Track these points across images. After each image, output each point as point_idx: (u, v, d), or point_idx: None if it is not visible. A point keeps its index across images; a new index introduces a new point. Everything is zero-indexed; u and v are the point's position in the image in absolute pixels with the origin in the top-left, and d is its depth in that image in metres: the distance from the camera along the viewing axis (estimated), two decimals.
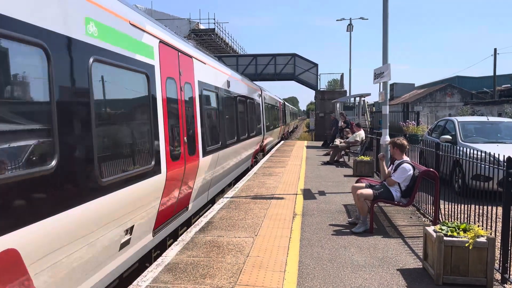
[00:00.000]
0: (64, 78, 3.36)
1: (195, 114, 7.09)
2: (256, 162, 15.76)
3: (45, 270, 3.07)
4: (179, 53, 6.41)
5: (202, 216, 7.03)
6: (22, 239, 2.77)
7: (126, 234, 4.51)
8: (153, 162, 5.03)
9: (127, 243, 4.57)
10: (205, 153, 7.41)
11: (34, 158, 3.02)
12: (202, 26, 38.31)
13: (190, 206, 7.04)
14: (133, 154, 4.63)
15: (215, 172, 8.47)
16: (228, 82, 10.28)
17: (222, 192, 9.89)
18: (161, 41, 5.62)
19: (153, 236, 5.42)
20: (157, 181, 5.19)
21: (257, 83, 21.76)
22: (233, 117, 10.86)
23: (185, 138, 6.29)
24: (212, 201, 8.93)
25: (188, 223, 7.31)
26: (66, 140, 3.34)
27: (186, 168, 6.31)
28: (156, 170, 5.13)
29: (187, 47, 7.02)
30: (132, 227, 4.63)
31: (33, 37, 2.97)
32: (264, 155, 18.24)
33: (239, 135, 11.21)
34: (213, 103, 8.81)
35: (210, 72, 8.53)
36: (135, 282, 4.30)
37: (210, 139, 8.02)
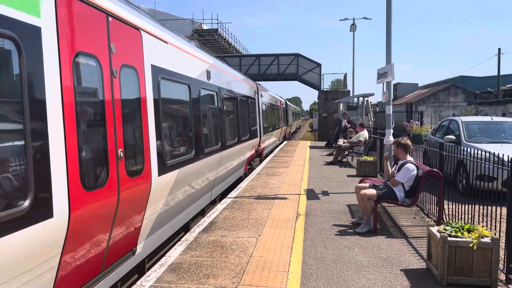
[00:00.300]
0: None
1: (145, 114, 4.83)
2: (251, 170, 13.52)
3: None
4: (111, 19, 4.13)
5: (205, 216, 7.03)
6: None
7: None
8: (28, 200, 2.84)
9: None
10: (164, 170, 5.27)
11: None
12: (205, 26, 38.33)
13: (139, 247, 4.91)
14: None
15: (185, 192, 6.39)
16: (208, 73, 7.99)
17: (202, 213, 7.88)
18: None
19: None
20: (48, 231, 3.06)
21: (260, 83, 21.51)
22: (216, 118, 8.55)
23: (120, 150, 4.15)
24: (185, 228, 6.85)
25: (186, 228, 6.76)
26: None
27: (123, 197, 4.18)
28: (43, 212, 3.00)
29: (132, 14, 4.70)
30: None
31: None
32: (261, 161, 16.03)
33: (224, 140, 8.87)
34: (182, 99, 6.61)
35: (177, 56, 6.24)
36: (138, 282, 4.31)
37: (174, 149, 5.99)
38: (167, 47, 5.83)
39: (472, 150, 5.88)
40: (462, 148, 6.47)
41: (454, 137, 10.38)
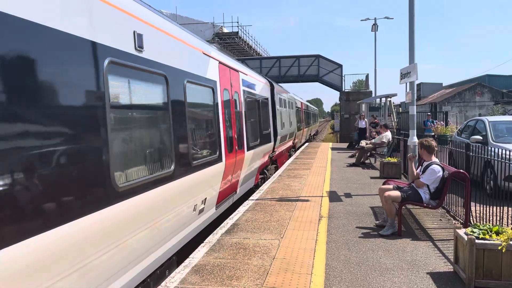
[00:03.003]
0: None
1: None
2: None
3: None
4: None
5: (228, 218, 7.07)
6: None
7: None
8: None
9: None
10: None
11: None
12: (225, 30, 38.59)
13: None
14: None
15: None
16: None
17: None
18: None
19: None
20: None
21: (281, 85, 21.38)
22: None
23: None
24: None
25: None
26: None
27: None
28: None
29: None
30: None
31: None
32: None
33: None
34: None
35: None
36: (163, 283, 4.36)
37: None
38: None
39: (500, 150, 5.74)
40: (489, 148, 6.32)
41: (481, 138, 10.14)
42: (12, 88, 2.58)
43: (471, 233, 4.28)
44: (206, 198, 6.10)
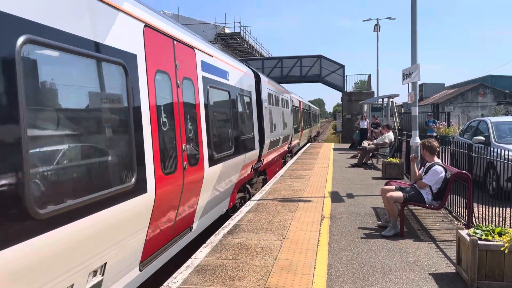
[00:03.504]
0: None
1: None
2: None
3: None
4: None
5: (230, 219, 7.07)
6: None
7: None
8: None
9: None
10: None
11: None
12: (228, 30, 38.63)
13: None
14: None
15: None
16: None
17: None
18: None
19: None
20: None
21: (283, 85, 21.27)
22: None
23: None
24: None
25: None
26: None
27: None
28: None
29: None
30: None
31: None
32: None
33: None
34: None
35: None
36: (165, 284, 4.37)
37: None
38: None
39: (503, 151, 5.73)
40: (491, 149, 6.31)
41: (483, 138, 10.12)
42: None
43: (474, 234, 4.27)
44: (105, 264, 3.61)
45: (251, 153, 9.25)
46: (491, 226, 4.44)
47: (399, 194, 6.11)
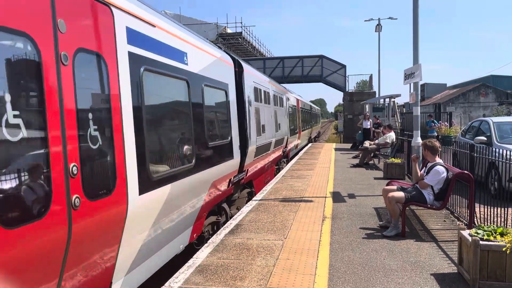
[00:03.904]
0: None
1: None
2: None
3: None
4: None
5: (231, 219, 7.08)
6: None
7: None
8: None
9: None
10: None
11: None
12: (229, 30, 38.67)
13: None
14: None
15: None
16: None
17: None
18: None
19: None
20: None
21: (284, 85, 21.19)
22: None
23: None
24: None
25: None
26: None
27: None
28: None
29: None
30: None
31: None
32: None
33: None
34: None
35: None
36: (167, 284, 4.38)
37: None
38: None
39: (504, 151, 5.72)
40: (493, 149, 6.30)
41: (485, 138, 10.10)
42: None
43: (476, 234, 4.27)
44: None
45: (226, 164, 7.09)
46: (493, 227, 4.43)
47: (401, 194, 6.11)
